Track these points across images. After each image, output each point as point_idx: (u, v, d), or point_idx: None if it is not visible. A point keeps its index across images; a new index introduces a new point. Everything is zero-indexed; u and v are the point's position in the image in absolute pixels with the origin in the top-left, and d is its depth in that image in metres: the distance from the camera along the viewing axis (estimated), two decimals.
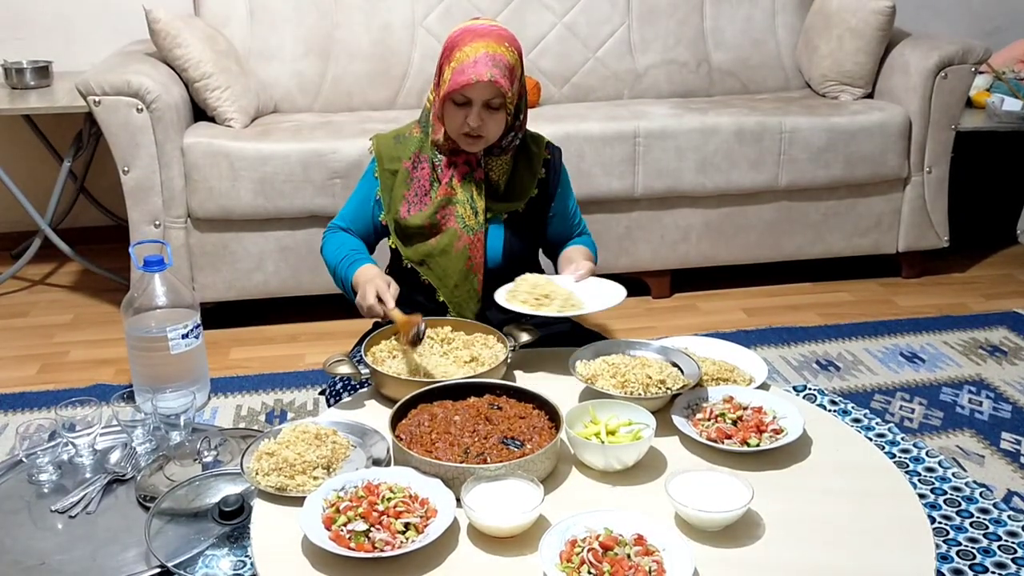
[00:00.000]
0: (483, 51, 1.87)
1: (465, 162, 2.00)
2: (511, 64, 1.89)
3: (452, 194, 2.00)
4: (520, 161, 2.04)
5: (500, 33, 1.92)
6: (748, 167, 3.03)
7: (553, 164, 2.08)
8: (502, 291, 1.91)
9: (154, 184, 2.76)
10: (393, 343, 1.85)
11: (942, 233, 3.27)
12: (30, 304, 3.19)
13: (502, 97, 1.88)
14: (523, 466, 1.42)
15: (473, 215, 2.01)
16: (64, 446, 2.02)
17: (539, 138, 2.09)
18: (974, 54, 3.12)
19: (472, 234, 2.01)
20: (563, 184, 2.11)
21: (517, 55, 1.92)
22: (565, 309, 1.82)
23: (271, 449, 1.52)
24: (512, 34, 1.96)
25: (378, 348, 1.84)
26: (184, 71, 2.83)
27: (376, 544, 1.30)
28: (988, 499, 1.98)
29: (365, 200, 2.08)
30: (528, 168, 2.05)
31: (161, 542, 1.78)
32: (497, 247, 2.04)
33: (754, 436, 1.54)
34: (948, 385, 2.54)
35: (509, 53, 1.89)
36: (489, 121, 1.91)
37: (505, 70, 1.87)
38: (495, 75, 1.85)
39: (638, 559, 1.25)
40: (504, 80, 1.86)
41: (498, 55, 1.87)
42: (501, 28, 1.95)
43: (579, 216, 2.20)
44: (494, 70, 1.85)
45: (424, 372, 1.75)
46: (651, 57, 3.43)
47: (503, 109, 1.90)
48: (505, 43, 1.90)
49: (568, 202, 2.14)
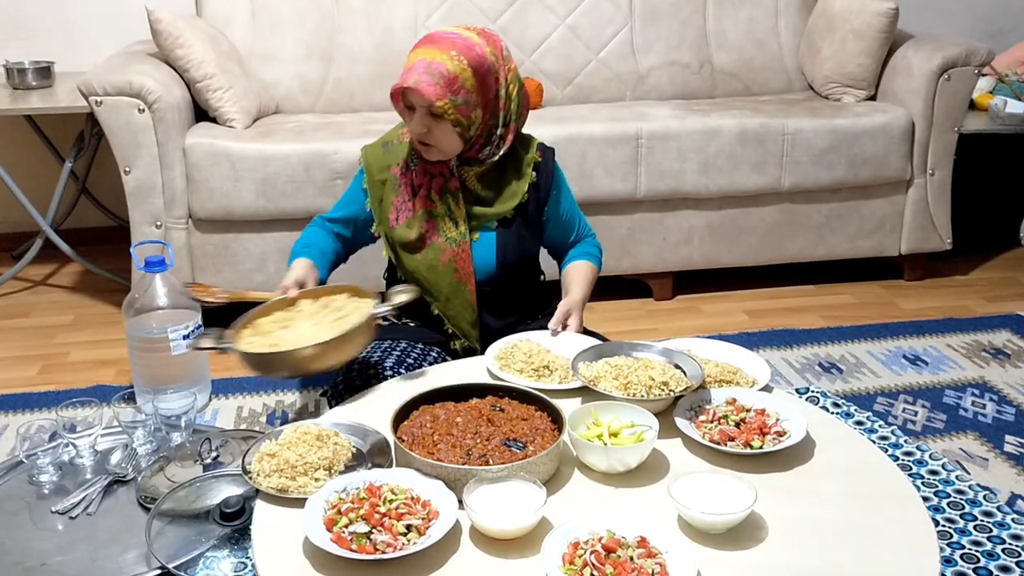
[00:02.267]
0: (420, 57, 1.82)
1: (440, 172, 1.96)
2: (451, 73, 1.81)
3: (432, 206, 1.97)
4: (508, 165, 2.00)
5: (456, 41, 1.85)
6: (751, 169, 3.03)
7: (544, 167, 2.04)
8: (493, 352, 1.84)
9: (155, 185, 2.76)
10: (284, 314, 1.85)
11: (945, 235, 3.26)
12: (31, 304, 3.19)
13: (434, 106, 1.81)
14: (525, 468, 1.41)
15: (454, 227, 1.97)
16: (65, 447, 2.01)
17: (529, 140, 2.04)
18: (977, 56, 3.12)
19: (456, 246, 1.97)
20: (557, 186, 2.07)
21: (467, 65, 1.83)
22: (567, 380, 1.75)
23: (272, 450, 1.52)
24: (476, 44, 1.86)
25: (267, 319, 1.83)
26: (186, 72, 2.83)
27: (378, 546, 1.29)
28: (992, 502, 1.97)
29: (349, 203, 2.07)
30: (515, 172, 2.00)
31: (162, 543, 1.78)
32: (490, 256, 2.01)
33: (757, 438, 1.54)
34: (951, 388, 2.54)
35: (452, 62, 1.81)
36: (435, 130, 1.86)
37: (439, 78, 1.80)
38: (420, 82, 1.79)
39: (641, 561, 1.24)
40: (431, 88, 1.79)
41: (436, 63, 1.81)
42: (465, 37, 1.87)
43: (580, 219, 2.17)
44: (422, 77, 1.79)
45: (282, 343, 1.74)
46: (653, 58, 3.42)
47: (446, 119, 1.84)
48: (453, 51, 1.82)
49: (563, 205, 2.10)
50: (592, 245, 2.18)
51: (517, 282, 2.07)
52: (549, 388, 1.71)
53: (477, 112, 1.87)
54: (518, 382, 1.71)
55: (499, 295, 2.03)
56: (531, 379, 1.75)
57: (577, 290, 2.04)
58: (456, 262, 1.98)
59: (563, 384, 1.74)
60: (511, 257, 2.02)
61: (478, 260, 2.00)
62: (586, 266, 2.11)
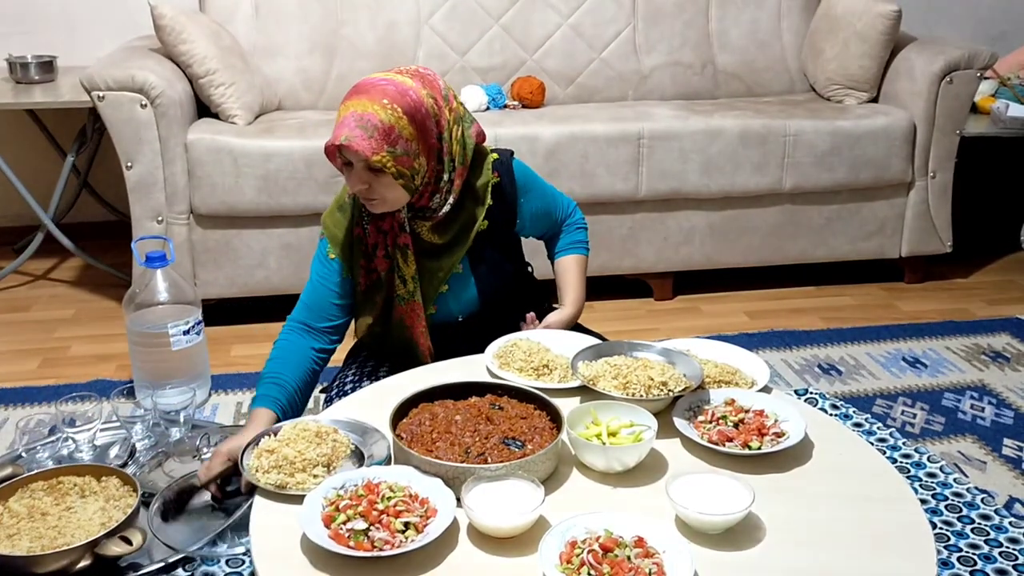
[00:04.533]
0: (351, 110, 1.69)
1: (390, 227, 1.85)
2: (385, 124, 1.67)
3: (387, 265, 1.88)
4: (464, 200, 1.87)
5: (387, 88, 1.70)
6: (752, 170, 3.03)
7: (502, 184, 1.91)
8: (492, 350, 1.83)
9: (157, 180, 2.76)
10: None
11: (945, 238, 3.26)
12: (32, 299, 3.19)
13: (371, 161, 1.68)
14: (524, 466, 1.41)
15: (402, 285, 1.88)
16: (64, 441, 2.02)
17: (483, 160, 1.90)
18: (979, 59, 3.12)
19: (404, 304, 1.90)
20: (524, 191, 1.96)
21: (402, 113, 1.69)
22: (567, 379, 1.75)
23: (271, 447, 1.52)
24: (410, 88, 1.72)
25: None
26: (188, 67, 2.83)
27: (375, 543, 1.29)
28: (989, 505, 1.97)
29: (318, 286, 1.92)
30: (473, 203, 1.88)
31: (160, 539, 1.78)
32: (470, 296, 1.94)
33: (755, 439, 1.54)
34: (950, 390, 2.54)
35: (385, 111, 1.67)
36: (376, 185, 1.72)
37: (372, 130, 1.67)
38: (351, 138, 1.66)
39: (638, 561, 1.24)
40: (365, 142, 1.66)
41: (367, 114, 1.67)
42: (398, 82, 1.72)
43: (557, 201, 2.06)
44: (354, 131, 1.66)
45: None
46: (656, 58, 3.42)
47: (386, 173, 1.70)
48: (385, 99, 1.68)
49: (535, 204, 1.99)
50: (576, 228, 2.10)
51: (504, 305, 1.99)
52: (548, 387, 1.71)
53: (420, 160, 1.74)
54: (517, 381, 1.72)
55: (486, 324, 1.96)
56: (530, 378, 1.75)
57: (570, 307, 2.01)
58: (406, 320, 1.91)
59: (562, 383, 1.74)
60: (491, 287, 1.95)
61: (459, 301, 1.94)
62: (575, 264, 2.05)
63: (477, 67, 3.33)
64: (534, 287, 2.13)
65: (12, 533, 1.62)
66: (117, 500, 1.69)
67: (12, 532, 1.62)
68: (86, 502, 1.68)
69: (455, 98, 1.83)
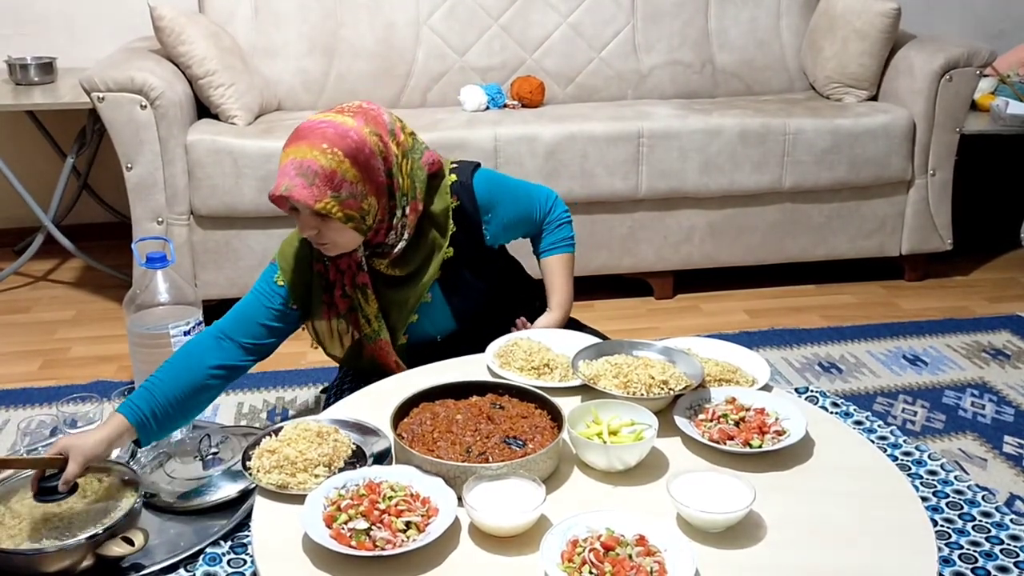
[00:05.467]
0: (290, 158, 1.65)
1: (347, 266, 1.83)
2: (326, 169, 1.63)
3: (347, 303, 1.86)
4: (424, 230, 1.83)
5: (327, 132, 1.66)
6: (752, 168, 3.03)
7: (463, 207, 1.86)
8: (493, 349, 1.84)
9: (157, 181, 2.76)
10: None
11: (945, 236, 3.26)
12: (32, 300, 3.19)
13: (315, 208, 1.64)
14: (525, 465, 1.41)
15: (367, 324, 1.86)
16: None
17: (440, 187, 1.85)
18: (979, 57, 3.12)
19: (372, 343, 1.89)
20: (489, 207, 1.91)
21: (344, 156, 1.65)
22: (567, 378, 1.75)
23: (272, 447, 1.52)
24: (350, 129, 1.67)
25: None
26: (188, 68, 2.83)
27: (377, 543, 1.29)
28: (990, 502, 1.97)
29: (255, 302, 1.86)
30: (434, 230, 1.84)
31: (162, 539, 1.79)
32: (445, 320, 1.93)
33: (756, 437, 1.54)
34: (951, 388, 2.54)
35: (325, 156, 1.63)
36: (326, 230, 1.69)
37: (312, 178, 1.63)
38: (291, 187, 1.63)
39: (639, 559, 1.25)
40: (306, 191, 1.63)
41: (307, 161, 1.63)
42: (338, 123, 1.68)
43: (539, 203, 2.00)
44: (294, 180, 1.63)
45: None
46: (655, 58, 3.42)
47: (333, 219, 1.67)
48: (324, 144, 1.64)
49: (508, 213, 1.94)
50: (558, 225, 2.04)
51: (486, 319, 1.97)
52: (549, 386, 1.71)
53: (370, 200, 1.70)
54: (518, 380, 1.72)
55: (468, 339, 1.94)
56: (531, 377, 1.75)
57: (556, 310, 2.01)
58: (378, 357, 1.91)
59: (563, 382, 1.74)
60: (466, 309, 1.93)
61: (435, 325, 1.93)
62: (560, 265, 2.03)
63: (476, 67, 3.33)
64: (523, 287, 2.11)
65: (14, 534, 1.62)
66: (119, 500, 1.69)
67: (14, 533, 1.62)
68: (88, 502, 1.68)
69: (402, 130, 1.79)
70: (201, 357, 1.79)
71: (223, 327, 1.84)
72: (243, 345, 1.83)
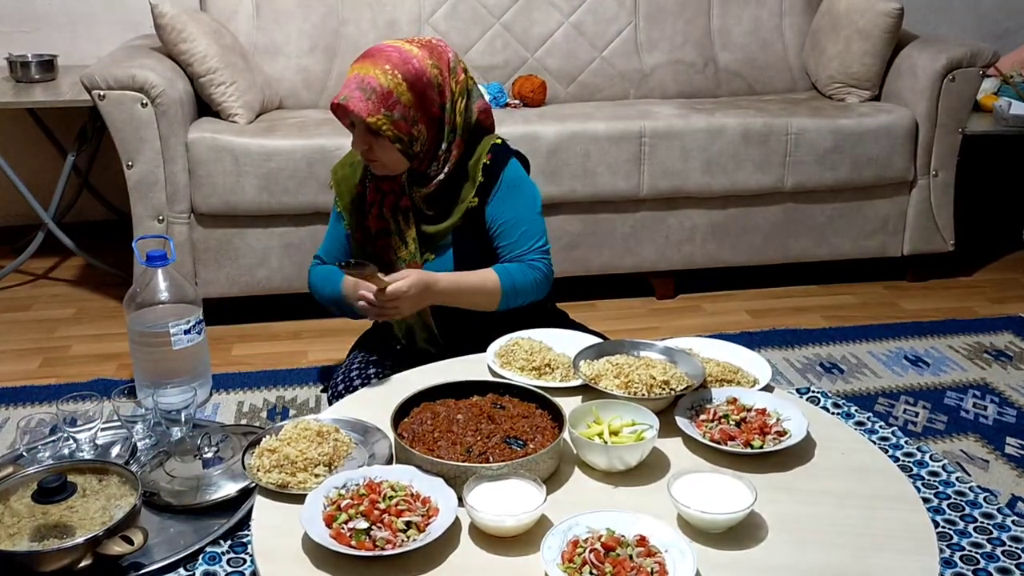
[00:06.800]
0: (355, 73, 1.77)
1: (391, 189, 1.90)
2: (384, 88, 1.75)
3: (384, 224, 1.92)
4: (458, 176, 1.91)
5: (392, 55, 1.77)
6: (754, 168, 3.02)
7: (493, 168, 1.91)
8: (494, 349, 1.83)
9: (158, 179, 2.76)
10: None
11: (948, 237, 3.26)
12: (32, 298, 3.19)
13: (368, 122, 1.76)
14: (525, 466, 1.41)
15: (404, 247, 1.92)
16: (65, 440, 2.01)
17: (484, 142, 1.93)
18: (982, 57, 3.11)
19: (405, 266, 1.92)
20: (504, 189, 1.93)
21: (402, 79, 1.76)
22: (568, 378, 1.75)
23: (273, 446, 1.52)
24: (415, 57, 1.78)
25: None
26: (189, 66, 2.82)
27: (377, 542, 1.29)
28: (992, 504, 1.97)
29: (334, 237, 2.05)
30: (466, 180, 1.91)
31: (162, 538, 1.78)
32: (448, 270, 1.93)
33: (757, 438, 1.54)
34: (952, 389, 2.53)
35: (385, 76, 1.75)
36: (375, 147, 1.80)
37: (370, 93, 1.74)
38: (350, 98, 1.74)
39: (640, 560, 1.24)
40: (363, 104, 1.74)
41: (368, 78, 1.75)
42: (404, 50, 1.78)
43: (535, 234, 1.95)
44: (353, 92, 1.74)
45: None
46: (658, 57, 3.42)
47: (383, 136, 1.78)
48: (387, 65, 1.75)
49: (506, 210, 1.93)
50: (530, 268, 1.94)
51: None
52: (550, 386, 1.71)
53: (419, 128, 1.80)
54: (519, 380, 1.71)
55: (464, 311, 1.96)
56: (532, 377, 1.75)
57: (448, 274, 1.89)
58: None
59: (564, 382, 1.74)
60: (470, 263, 1.94)
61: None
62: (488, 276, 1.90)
63: (478, 66, 3.33)
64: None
65: (13, 532, 1.62)
66: (118, 499, 1.69)
67: (13, 532, 1.62)
68: (87, 501, 1.68)
69: (464, 71, 1.88)
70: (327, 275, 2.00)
71: (323, 256, 2.06)
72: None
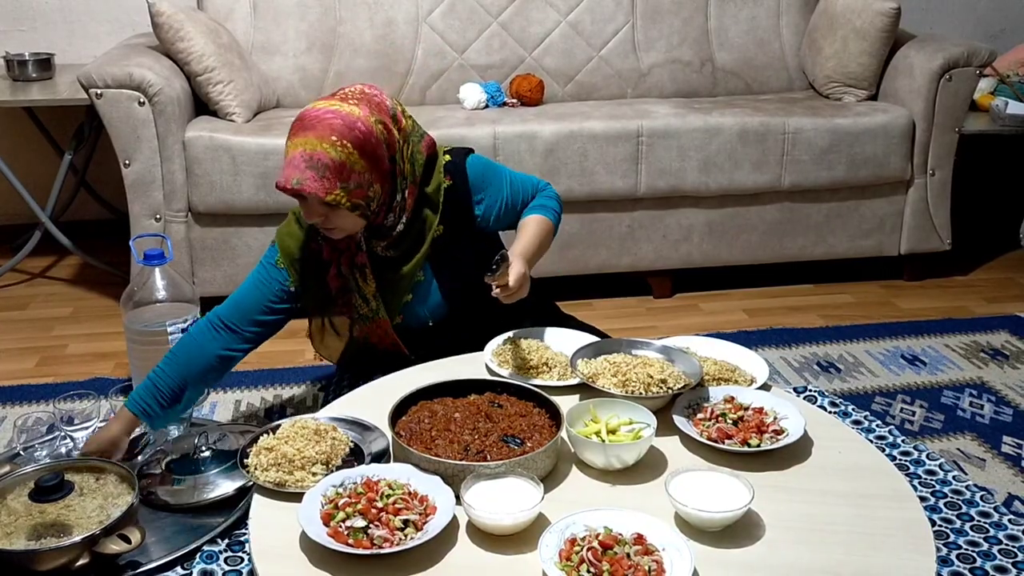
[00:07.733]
0: (299, 150, 1.67)
1: (346, 246, 1.85)
2: (336, 162, 1.66)
3: (343, 283, 1.88)
4: (420, 209, 1.87)
5: (334, 123, 1.67)
6: (751, 167, 3.03)
7: (455, 186, 1.89)
8: (492, 348, 1.84)
9: (155, 178, 2.76)
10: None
11: (944, 236, 3.26)
12: (29, 297, 3.19)
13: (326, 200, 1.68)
14: (523, 464, 1.41)
15: (364, 304, 1.89)
16: (62, 439, 2.01)
17: (435, 167, 1.88)
18: (979, 57, 3.11)
19: (368, 323, 1.91)
20: (480, 188, 1.93)
21: (352, 148, 1.67)
22: (566, 377, 1.75)
23: (270, 444, 1.52)
24: (357, 119, 1.69)
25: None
26: (186, 64, 2.82)
27: (375, 541, 1.29)
28: (989, 503, 1.97)
29: (255, 288, 1.89)
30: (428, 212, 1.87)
31: (159, 537, 1.78)
32: (436, 301, 1.94)
33: (755, 437, 1.54)
34: (949, 388, 2.54)
35: (335, 149, 1.66)
36: (332, 217, 1.72)
37: (324, 170, 1.66)
38: (303, 181, 1.65)
39: (637, 558, 1.24)
40: (317, 184, 1.65)
41: (317, 154, 1.66)
42: (344, 113, 1.69)
43: (529, 188, 2.00)
44: (305, 174, 1.65)
45: None
46: (655, 56, 3.42)
47: (342, 208, 1.70)
48: (333, 136, 1.66)
49: (498, 196, 1.95)
50: (545, 196, 2.02)
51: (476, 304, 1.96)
52: (547, 385, 1.71)
53: (375, 188, 1.74)
54: (517, 378, 1.72)
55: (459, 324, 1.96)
56: (530, 375, 1.75)
57: (518, 244, 1.88)
58: (371, 338, 1.93)
59: (561, 381, 1.74)
60: (456, 290, 1.95)
61: (426, 307, 1.95)
62: (533, 222, 1.95)
63: (476, 65, 3.33)
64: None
65: (10, 531, 1.61)
66: (115, 498, 1.69)
67: (10, 530, 1.62)
68: (84, 500, 1.68)
69: (403, 114, 1.81)
70: (201, 347, 1.86)
71: (224, 316, 1.88)
72: (243, 333, 1.87)
